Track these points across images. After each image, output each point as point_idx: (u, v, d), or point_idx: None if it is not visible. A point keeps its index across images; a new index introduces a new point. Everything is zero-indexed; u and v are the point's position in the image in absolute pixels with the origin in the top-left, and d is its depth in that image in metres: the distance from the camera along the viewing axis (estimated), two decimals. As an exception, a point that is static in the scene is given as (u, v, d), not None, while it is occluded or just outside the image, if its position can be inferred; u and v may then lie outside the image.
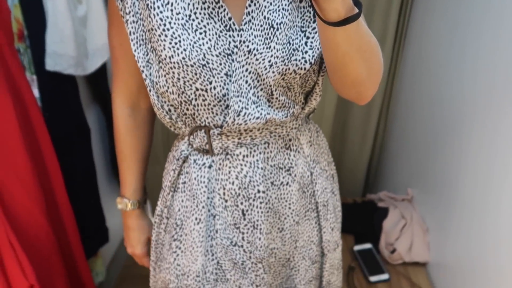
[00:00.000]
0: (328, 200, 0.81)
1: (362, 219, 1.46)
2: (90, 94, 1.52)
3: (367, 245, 1.39)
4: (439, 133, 1.30)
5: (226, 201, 0.73)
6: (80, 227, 1.18)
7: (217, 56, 0.62)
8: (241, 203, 0.73)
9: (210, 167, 0.72)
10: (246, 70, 0.63)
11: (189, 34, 0.61)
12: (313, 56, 0.64)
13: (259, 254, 0.74)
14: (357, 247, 1.39)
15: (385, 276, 1.28)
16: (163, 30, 0.61)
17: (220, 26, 0.62)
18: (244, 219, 0.73)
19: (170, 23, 0.61)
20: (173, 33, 0.61)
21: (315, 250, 0.83)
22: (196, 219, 0.74)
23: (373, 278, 1.28)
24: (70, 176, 1.15)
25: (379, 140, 1.77)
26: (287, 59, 0.63)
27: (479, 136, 1.06)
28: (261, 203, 0.72)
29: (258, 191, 0.72)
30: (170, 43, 0.61)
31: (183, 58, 0.61)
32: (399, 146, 1.64)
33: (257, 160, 0.71)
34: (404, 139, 1.58)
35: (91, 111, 1.53)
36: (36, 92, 1.08)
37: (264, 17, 0.61)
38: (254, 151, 0.71)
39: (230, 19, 0.61)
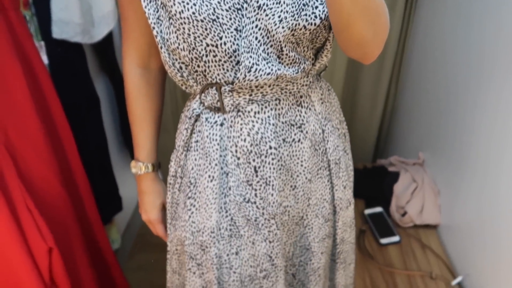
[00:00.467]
0: (340, 158, 0.81)
1: (372, 184, 1.47)
2: (97, 64, 1.51)
3: (378, 209, 1.40)
4: (450, 96, 1.27)
5: (238, 158, 0.74)
6: (94, 195, 1.20)
7: (226, 10, 0.61)
8: (253, 160, 0.73)
9: (221, 125, 0.72)
10: (256, 26, 0.62)
11: None
12: (324, 11, 0.62)
13: (272, 210, 0.75)
14: (367, 211, 1.39)
15: (396, 238, 1.29)
16: None
17: None
18: (257, 176, 0.74)
19: None
20: None
21: (328, 208, 0.83)
22: (209, 176, 0.74)
23: (384, 241, 1.29)
24: (81, 145, 1.16)
25: (389, 105, 1.75)
26: (297, 14, 0.62)
27: (491, 98, 1.04)
28: (273, 159, 0.72)
29: (270, 147, 0.72)
30: None
31: (193, 13, 0.61)
32: (410, 110, 1.62)
33: (269, 117, 0.71)
34: (415, 103, 1.56)
35: (99, 80, 1.53)
36: (45, 59, 1.08)
37: None
38: (266, 107, 0.70)
39: None
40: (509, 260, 0.96)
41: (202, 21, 0.61)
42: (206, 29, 0.62)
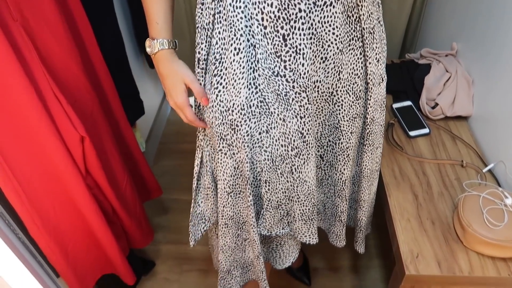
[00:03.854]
0: (374, 27, 0.75)
1: (401, 78, 1.41)
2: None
3: (407, 102, 1.35)
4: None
5: (265, 27, 0.68)
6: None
7: None
8: (281, 28, 0.68)
9: None
10: None
11: None
12: None
13: (303, 82, 0.72)
14: (396, 105, 1.35)
15: (425, 130, 1.27)
16: None
17: None
18: (286, 45, 0.69)
19: None
20: None
21: (359, 85, 0.79)
22: (235, 49, 0.70)
23: (413, 133, 1.27)
24: (99, 45, 1.10)
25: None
26: None
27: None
28: (303, 24, 0.67)
29: (300, 11, 0.66)
30: None
31: None
32: (442, 0, 1.50)
33: None
34: (451, -11, 1.44)
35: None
36: None
37: None
38: None
39: None
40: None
41: None
42: None
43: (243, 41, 0.69)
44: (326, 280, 1.49)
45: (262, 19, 0.68)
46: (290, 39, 0.69)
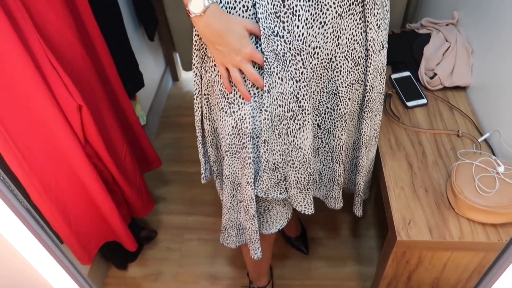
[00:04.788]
0: None
1: (401, 48, 1.39)
2: None
3: (405, 73, 1.35)
4: None
5: None
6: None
7: None
8: None
9: None
10: None
11: None
12: None
13: (297, 44, 0.72)
14: (394, 75, 1.35)
15: (423, 101, 1.27)
16: None
17: None
18: (284, 6, 0.69)
19: None
20: None
21: (358, 51, 0.79)
22: (243, 6, 0.72)
23: (410, 103, 1.27)
24: (97, 15, 1.10)
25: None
26: None
27: None
28: None
29: None
30: None
31: None
32: (446, -32, 1.47)
33: None
34: (454, -44, 1.40)
35: None
36: None
37: None
38: None
39: None
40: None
41: None
42: None
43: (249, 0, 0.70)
44: (323, 249, 1.53)
45: None
46: (288, 0, 0.69)
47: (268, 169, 0.87)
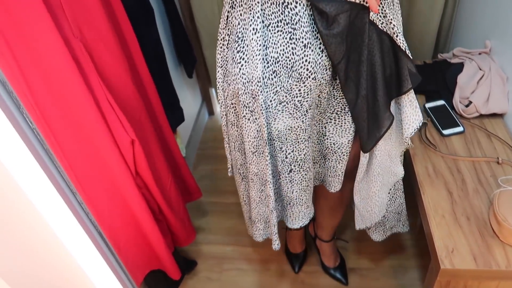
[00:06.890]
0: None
1: (433, 78, 1.42)
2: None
3: (440, 102, 1.36)
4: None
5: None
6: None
7: None
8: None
9: None
10: None
11: None
12: None
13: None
14: (428, 105, 1.37)
15: (459, 129, 1.27)
16: None
17: None
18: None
19: None
20: None
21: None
22: (253, 29, 0.81)
23: (446, 131, 1.28)
24: (145, 57, 1.19)
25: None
26: None
27: None
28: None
29: None
30: None
31: None
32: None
33: None
34: (482, -12, 1.44)
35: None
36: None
37: None
38: None
39: None
40: None
41: None
42: None
43: (259, 22, 0.81)
44: (363, 280, 1.51)
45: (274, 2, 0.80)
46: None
47: (285, 172, 1.05)
